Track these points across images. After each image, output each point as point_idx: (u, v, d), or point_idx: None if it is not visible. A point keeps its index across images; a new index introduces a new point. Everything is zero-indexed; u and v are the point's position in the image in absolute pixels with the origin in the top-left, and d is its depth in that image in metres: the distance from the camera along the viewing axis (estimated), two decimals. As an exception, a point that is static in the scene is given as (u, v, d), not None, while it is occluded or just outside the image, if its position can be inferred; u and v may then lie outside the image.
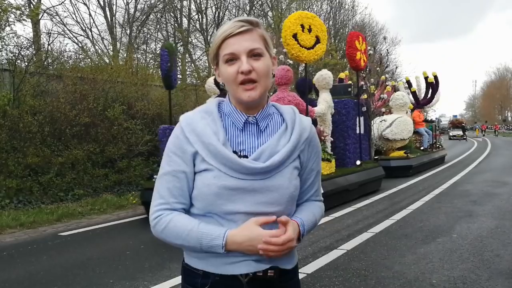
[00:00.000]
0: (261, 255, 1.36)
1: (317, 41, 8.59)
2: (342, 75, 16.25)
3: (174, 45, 9.47)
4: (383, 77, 16.36)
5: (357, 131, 10.95)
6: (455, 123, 56.21)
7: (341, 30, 33.39)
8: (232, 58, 1.38)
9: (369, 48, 14.27)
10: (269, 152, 1.41)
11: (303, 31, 8.33)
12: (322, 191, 1.69)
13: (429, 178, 12.93)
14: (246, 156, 1.40)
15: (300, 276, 4.48)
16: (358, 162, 10.27)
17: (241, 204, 1.38)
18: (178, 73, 8.96)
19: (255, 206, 1.39)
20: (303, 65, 10.10)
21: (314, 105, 9.80)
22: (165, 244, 1.46)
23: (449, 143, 39.08)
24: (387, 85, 16.07)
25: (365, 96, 12.61)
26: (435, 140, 19.44)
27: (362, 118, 11.26)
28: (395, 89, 17.13)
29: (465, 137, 46.81)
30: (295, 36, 8.21)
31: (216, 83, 8.89)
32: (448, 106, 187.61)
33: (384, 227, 6.65)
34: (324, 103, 9.69)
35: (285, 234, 1.38)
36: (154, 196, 1.47)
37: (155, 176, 7.36)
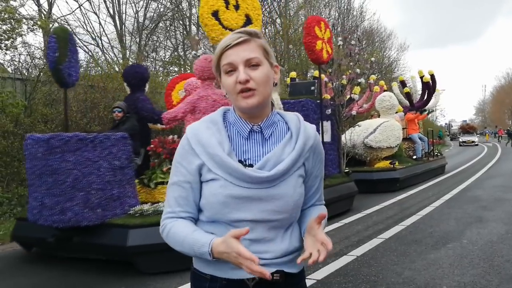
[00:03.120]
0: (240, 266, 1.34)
1: (248, 21, 6.72)
2: (317, 73, 12.66)
3: (68, 30, 7.21)
4: (372, 76, 14.67)
5: (320, 139, 9.21)
6: (466, 128, 55.34)
7: (349, 36, 33.39)
8: (231, 69, 1.42)
9: (339, 38, 12.59)
10: (274, 160, 1.44)
11: (227, 8, 6.49)
12: None
13: (438, 184, 12.87)
14: (251, 165, 1.44)
15: (310, 282, 4.51)
16: None
17: (247, 212, 1.42)
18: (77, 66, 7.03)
19: (261, 214, 1.43)
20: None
21: None
22: (176, 251, 1.52)
23: (459, 149, 38.90)
24: (358, 82, 12.42)
25: (325, 96, 10.07)
26: (432, 148, 17.26)
27: (328, 123, 9.60)
28: (370, 88, 14.54)
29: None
30: (216, 14, 6.37)
31: (126, 81, 7.59)
32: (457, 111, 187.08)
33: (394, 233, 6.65)
34: None
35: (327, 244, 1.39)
36: (164, 205, 1.54)
37: None
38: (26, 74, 11.81)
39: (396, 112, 14.25)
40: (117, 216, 5.37)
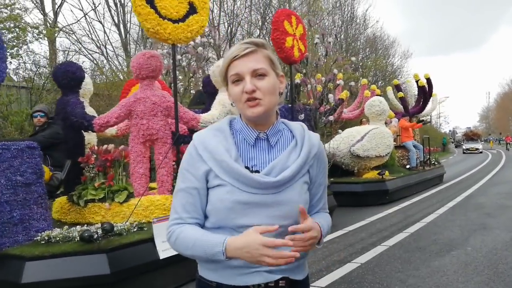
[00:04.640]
0: (260, 263, 1.37)
1: (192, 10, 5.65)
2: (299, 76, 10.71)
3: None
4: (364, 80, 13.85)
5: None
6: (470, 135, 54.89)
7: (352, 44, 33.51)
8: (238, 79, 1.47)
9: (316, 36, 11.56)
10: (280, 167, 1.48)
11: None
12: None
13: (442, 191, 12.85)
14: (257, 171, 1.47)
15: (315, 289, 4.52)
16: None
17: (254, 218, 1.44)
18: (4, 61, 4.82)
19: (267, 220, 1.44)
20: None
21: (205, 110, 7.08)
22: (182, 260, 1.53)
23: (463, 156, 38.74)
24: (337, 84, 11.22)
25: (310, 100, 9.43)
26: (428, 156, 15.85)
27: None
28: (351, 91, 13.20)
29: None
30: (151, 1, 5.23)
31: (56, 81, 6.37)
32: (461, 118, 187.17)
33: (398, 240, 6.64)
34: (220, 107, 6.64)
35: (305, 223, 1.43)
36: (171, 211, 1.56)
37: None
38: (31, 83, 11.88)
39: (389, 121, 13.48)
40: (18, 244, 4.35)
